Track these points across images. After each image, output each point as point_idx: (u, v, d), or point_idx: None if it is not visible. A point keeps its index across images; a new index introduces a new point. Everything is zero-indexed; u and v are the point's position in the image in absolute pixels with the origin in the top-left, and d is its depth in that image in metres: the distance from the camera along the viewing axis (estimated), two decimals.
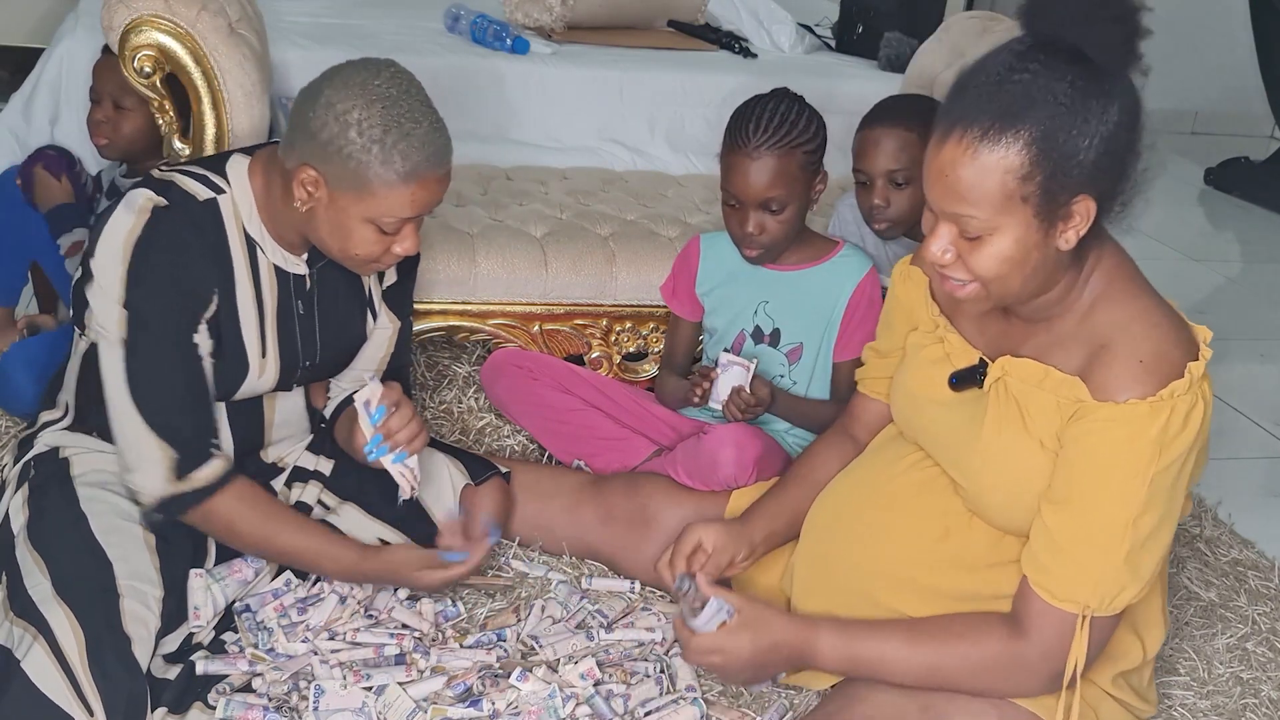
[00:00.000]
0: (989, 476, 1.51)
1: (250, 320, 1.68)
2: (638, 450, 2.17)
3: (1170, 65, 5.33)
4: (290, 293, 1.73)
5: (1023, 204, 1.33)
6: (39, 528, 1.60)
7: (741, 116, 1.98)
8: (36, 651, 1.44)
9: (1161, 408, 1.37)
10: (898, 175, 2.05)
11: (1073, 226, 1.36)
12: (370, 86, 1.53)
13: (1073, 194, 1.33)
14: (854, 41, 3.52)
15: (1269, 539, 2.35)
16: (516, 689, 1.62)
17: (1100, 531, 1.41)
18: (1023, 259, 1.37)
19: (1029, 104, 1.30)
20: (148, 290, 1.57)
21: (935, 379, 1.58)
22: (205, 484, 1.62)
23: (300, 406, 1.87)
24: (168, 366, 1.60)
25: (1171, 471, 1.40)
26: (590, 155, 2.94)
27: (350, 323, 1.83)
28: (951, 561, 1.57)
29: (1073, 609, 1.43)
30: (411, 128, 1.54)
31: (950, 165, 1.34)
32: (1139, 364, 1.39)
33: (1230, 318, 3.56)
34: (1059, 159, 1.31)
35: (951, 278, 1.43)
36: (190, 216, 1.61)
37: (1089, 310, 1.45)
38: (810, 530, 1.74)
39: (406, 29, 3.05)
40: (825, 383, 2.12)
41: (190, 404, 1.62)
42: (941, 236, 1.39)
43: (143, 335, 1.58)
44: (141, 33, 1.96)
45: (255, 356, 1.70)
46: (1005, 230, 1.35)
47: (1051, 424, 1.45)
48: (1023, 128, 1.30)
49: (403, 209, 1.57)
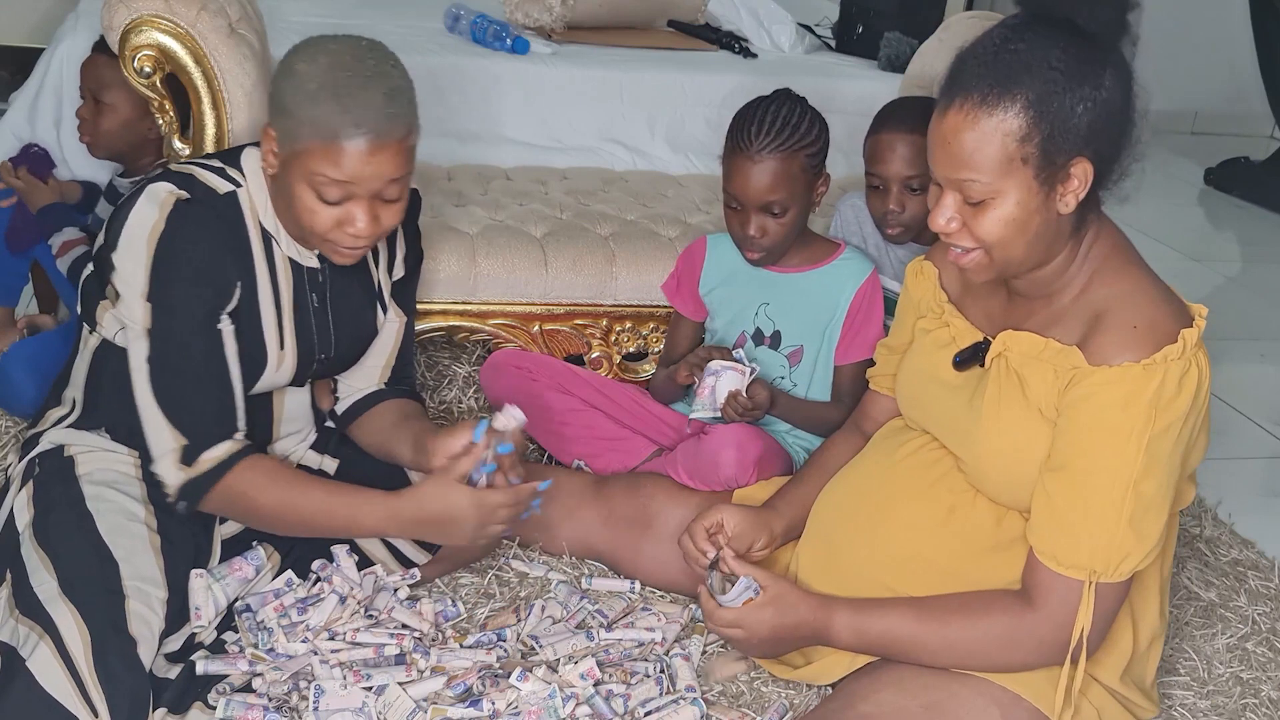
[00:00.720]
0: (990, 448, 1.54)
1: (269, 313, 1.69)
2: (638, 450, 2.17)
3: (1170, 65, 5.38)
4: (305, 285, 1.73)
5: (1023, 165, 1.38)
6: (44, 525, 1.60)
7: (743, 119, 1.98)
8: (42, 650, 1.44)
9: (1155, 370, 1.40)
10: (913, 181, 2.04)
11: (1071, 190, 1.40)
12: (328, 48, 1.57)
13: (1070, 156, 1.38)
14: (854, 41, 3.52)
15: (1269, 539, 2.35)
16: (516, 689, 1.62)
17: (1100, 494, 1.43)
18: (1025, 221, 1.41)
19: (1024, 71, 1.36)
20: (172, 283, 1.57)
21: (941, 361, 1.61)
22: (214, 464, 1.61)
23: (306, 403, 1.87)
24: (190, 356, 1.60)
25: (1169, 436, 1.43)
26: (590, 155, 2.94)
27: (362, 315, 1.83)
28: (957, 539, 1.59)
29: (1079, 575, 1.45)
30: (351, 90, 1.52)
31: (952, 132, 1.40)
32: (1133, 329, 1.43)
33: (1230, 318, 3.55)
34: (1055, 121, 1.36)
35: (956, 246, 1.47)
36: (214, 210, 1.62)
37: (1086, 285, 1.49)
38: (816, 515, 1.76)
39: (406, 29, 3.04)
40: (826, 385, 2.12)
41: (211, 393, 1.62)
42: (946, 205, 1.45)
43: (166, 326, 1.58)
44: (141, 33, 1.96)
45: (274, 349, 1.71)
46: (1007, 193, 1.40)
47: (1050, 393, 1.48)
48: (1019, 92, 1.36)
49: (329, 168, 1.53)
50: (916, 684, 1.55)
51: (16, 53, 4.00)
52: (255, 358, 1.69)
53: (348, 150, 1.53)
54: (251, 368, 1.69)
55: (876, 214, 2.12)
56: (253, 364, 1.69)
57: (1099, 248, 1.49)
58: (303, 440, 1.90)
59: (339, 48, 1.58)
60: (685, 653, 1.79)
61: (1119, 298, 1.46)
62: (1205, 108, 5.76)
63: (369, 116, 1.52)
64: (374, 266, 1.84)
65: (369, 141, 1.53)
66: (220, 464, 1.61)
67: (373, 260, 1.83)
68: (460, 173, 2.76)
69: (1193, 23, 5.33)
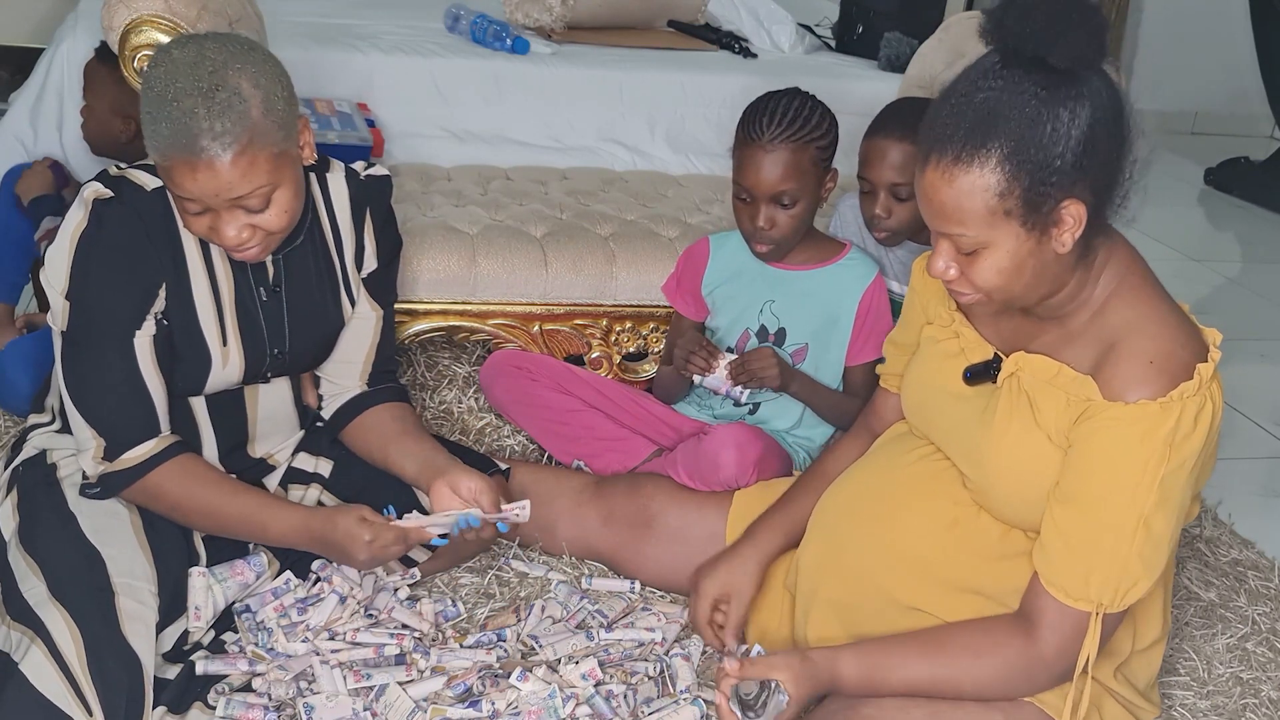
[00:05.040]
0: (997, 468, 1.52)
1: (207, 310, 1.67)
2: (638, 451, 2.17)
3: (1170, 65, 5.39)
4: (249, 280, 1.70)
5: (1006, 218, 1.35)
6: (30, 531, 1.61)
7: (755, 110, 1.99)
8: (34, 653, 1.44)
9: (1171, 408, 1.38)
10: (900, 189, 2.05)
11: (1066, 230, 1.37)
12: (171, 56, 1.49)
13: (1057, 200, 1.35)
14: (854, 41, 3.52)
15: (1269, 539, 2.35)
16: (516, 689, 1.62)
17: (1111, 530, 1.42)
18: (1018, 268, 1.39)
19: (996, 120, 1.32)
20: (88, 284, 1.58)
21: (949, 372, 1.59)
22: (135, 463, 1.62)
23: (287, 401, 1.85)
24: (102, 360, 1.60)
25: (1183, 472, 1.41)
26: (590, 155, 2.94)
27: (323, 309, 1.79)
28: (960, 549, 1.58)
29: (1087, 608, 1.44)
30: (171, 107, 1.45)
31: (932, 190, 1.38)
32: (1149, 364, 1.40)
33: (1230, 318, 3.55)
34: (1034, 169, 1.32)
35: (956, 290, 1.46)
36: (135, 207, 1.59)
37: (1101, 308, 1.47)
38: (817, 523, 1.75)
39: (406, 29, 3.05)
40: (829, 383, 2.12)
41: (126, 397, 1.61)
42: (942, 254, 1.43)
43: (81, 328, 1.59)
44: (141, 33, 1.96)
45: (216, 345, 1.68)
46: (997, 244, 1.37)
47: (1061, 420, 1.46)
48: (993, 146, 1.33)
49: (170, 182, 1.51)
50: None
51: (16, 53, 4.00)
52: (197, 356, 1.67)
53: (176, 168, 1.48)
54: (195, 367, 1.68)
55: (866, 217, 2.13)
56: (196, 363, 1.67)
57: (1113, 269, 1.46)
58: (287, 439, 1.88)
59: (180, 55, 1.48)
60: (685, 653, 1.79)
61: (1134, 325, 1.43)
62: (1205, 108, 5.76)
63: (184, 136, 1.45)
64: (336, 256, 1.79)
65: (189, 161, 1.46)
66: (141, 464, 1.62)
67: (335, 250, 1.79)
68: (460, 173, 2.76)
69: (1193, 23, 5.33)
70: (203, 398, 1.73)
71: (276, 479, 1.87)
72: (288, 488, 1.87)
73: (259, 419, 1.81)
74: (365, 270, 1.83)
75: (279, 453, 1.87)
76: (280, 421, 1.85)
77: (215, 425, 1.76)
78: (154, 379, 1.63)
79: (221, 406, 1.75)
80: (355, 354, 1.87)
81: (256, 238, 1.57)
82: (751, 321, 2.14)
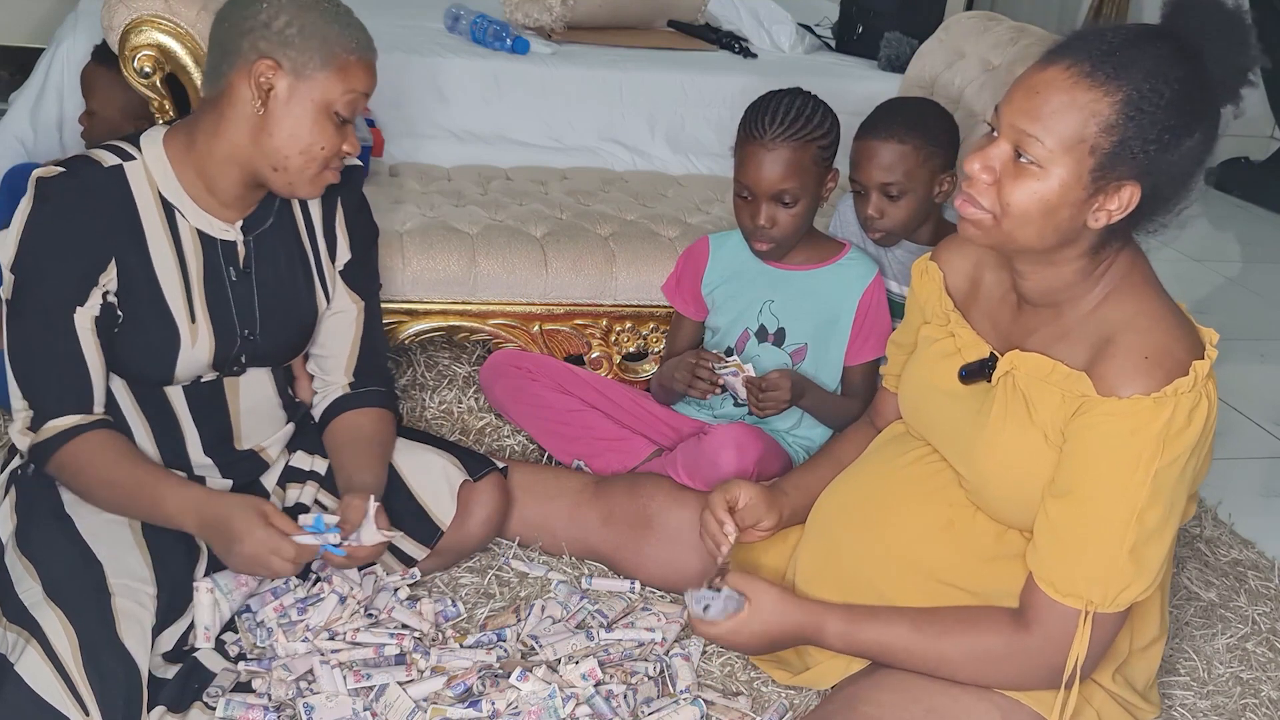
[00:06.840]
0: (992, 467, 1.52)
1: (173, 286, 1.67)
2: (637, 450, 2.17)
3: None
4: (219, 259, 1.70)
5: (1085, 154, 1.35)
6: (26, 533, 1.61)
7: (758, 108, 1.99)
8: (30, 654, 1.44)
9: (1165, 403, 1.38)
10: (891, 189, 2.05)
11: (1111, 206, 1.38)
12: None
13: (1128, 174, 1.36)
14: (854, 41, 3.52)
15: (1269, 539, 2.35)
16: (516, 689, 1.62)
17: (1103, 525, 1.42)
18: (1054, 207, 1.38)
19: (1140, 73, 1.33)
20: (30, 257, 1.59)
21: (945, 371, 1.60)
22: (55, 433, 1.62)
23: (270, 394, 1.83)
24: (40, 332, 1.61)
25: (1175, 468, 1.41)
26: (590, 155, 2.94)
27: (294, 294, 1.78)
28: (955, 550, 1.58)
29: (1076, 604, 1.44)
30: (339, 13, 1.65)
31: (1046, 85, 1.36)
32: (1144, 359, 1.40)
33: (1230, 318, 3.56)
34: (1138, 132, 1.34)
35: (972, 200, 1.42)
36: (84, 182, 1.61)
37: (1098, 305, 1.47)
38: (815, 521, 1.75)
39: (406, 29, 3.05)
40: (828, 383, 2.12)
41: (58, 368, 1.62)
42: (992, 155, 1.40)
43: (22, 299, 1.60)
44: (141, 33, 1.96)
45: (184, 322, 1.68)
46: (1053, 172, 1.36)
47: (1056, 417, 1.46)
48: (1128, 86, 1.33)
49: (361, 82, 1.65)
50: (919, 687, 1.54)
51: (16, 53, 4.00)
52: (165, 333, 1.67)
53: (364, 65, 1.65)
54: (163, 344, 1.67)
55: (860, 218, 2.13)
56: (164, 340, 1.67)
57: (1116, 269, 1.47)
58: (275, 432, 1.86)
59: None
60: (685, 653, 1.79)
61: (1130, 321, 1.43)
62: None
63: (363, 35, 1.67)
64: (309, 243, 1.79)
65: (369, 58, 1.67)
66: (61, 433, 1.62)
67: (308, 237, 1.79)
68: (460, 173, 2.76)
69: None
70: (180, 390, 1.72)
71: (274, 478, 1.87)
72: (285, 486, 1.87)
73: (241, 411, 1.80)
74: (340, 262, 1.83)
75: (270, 446, 1.86)
76: (264, 415, 1.84)
77: (196, 418, 1.75)
78: (93, 356, 1.63)
79: (201, 399, 1.75)
80: (338, 348, 1.86)
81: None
82: (751, 321, 2.14)
